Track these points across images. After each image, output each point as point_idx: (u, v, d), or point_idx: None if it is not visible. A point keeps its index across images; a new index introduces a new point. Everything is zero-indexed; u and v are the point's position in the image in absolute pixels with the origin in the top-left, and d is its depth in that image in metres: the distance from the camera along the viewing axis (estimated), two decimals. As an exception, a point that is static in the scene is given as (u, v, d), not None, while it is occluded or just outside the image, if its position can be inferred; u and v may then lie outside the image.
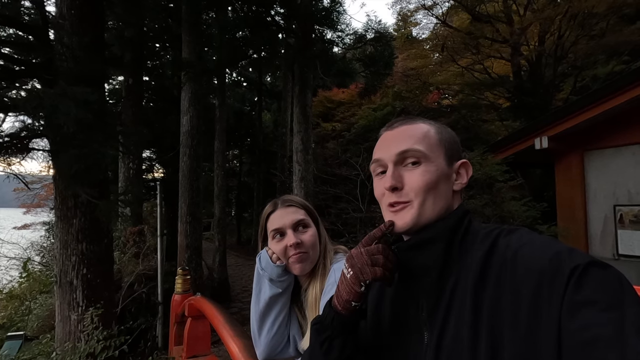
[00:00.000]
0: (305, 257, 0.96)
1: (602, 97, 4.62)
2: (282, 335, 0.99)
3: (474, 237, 0.57)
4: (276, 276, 0.96)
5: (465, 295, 0.53)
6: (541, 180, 7.38)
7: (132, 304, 4.71)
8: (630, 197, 4.68)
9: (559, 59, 8.40)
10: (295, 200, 1.04)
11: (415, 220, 0.59)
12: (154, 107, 9.14)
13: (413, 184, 0.60)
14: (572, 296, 0.42)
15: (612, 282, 0.43)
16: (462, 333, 0.51)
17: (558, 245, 0.49)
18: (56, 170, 2.86)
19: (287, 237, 0.97)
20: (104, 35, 3.64)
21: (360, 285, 0.58)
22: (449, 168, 0.62)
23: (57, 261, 3.10)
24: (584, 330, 0.40)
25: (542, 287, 0.45)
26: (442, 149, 0.63)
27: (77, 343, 2.65)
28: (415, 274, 0.60)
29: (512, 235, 0.54)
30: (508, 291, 0.48)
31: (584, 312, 0.41)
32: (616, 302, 0.41)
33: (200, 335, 1.99)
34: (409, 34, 13.88)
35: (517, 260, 0.49)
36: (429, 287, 0.58)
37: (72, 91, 2.11)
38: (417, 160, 0.60)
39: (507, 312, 0.47)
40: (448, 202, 0.61)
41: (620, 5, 7.07)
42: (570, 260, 0.45)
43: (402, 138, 0.62)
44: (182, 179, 5.45)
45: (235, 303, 6.86)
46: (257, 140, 13.75)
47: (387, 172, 0.62)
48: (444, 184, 0.61)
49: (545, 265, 0.46)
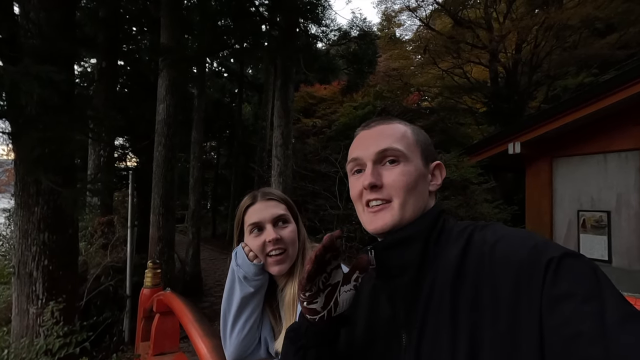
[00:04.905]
0: (284, 257, 0.92)
1: (569, 109, 4.83)
2: (253, 337, 0.95)
3: (449, 234, 0.57)
4: (252, 274, 0.92)
5: (443, 294, 0.51)
6: (513, 184, 7.67)
7: (97, 297, 4.53)
8: (593, 203, 4.93)
9: (534, 68, 8.74)
10: (276, 193, 0.99)
11: (397, 222, 0.58)
12: (129, 92, 8.75)
13: (393, 183, 0.59)
14: (550, 290, 0.42)
15: (587, 273, 0.42)
16: (441, 333, 0.50)
17: (534, 237, 0.48)
18: (17, 154, 2.67)
19: (265, 232, 0.92)
20: (75, 13, 3.44)
21: (304, 289, 0.55)
22: (425, 169, 0.62)
23: (15, 251, 2.92)
24: (565, 326, 0.40)
25: (520, 282, 0.44)
26: (419, 149, 0.62)
27: (36, 338, 2.51)
28: (392, 274, 0.58)
29: (486, 229, 0.53)
30: (486, 287, 0.47)
31: (563, 306, 0.41)
32: (594, 293, 0.40)
33: (169, 332, 1.92)
34: (393, 35, 14.01)
35: (494, 255, 0.48)
36: (406, 287, 0.56)
37: (35, 69, 1.96)
38: (396, 159, 0.60)
39: (487, 308, 0.46)
40: (425, 203, 0.61)
41: (592, 19, 7.41)
42: (546, 253, 0.44)
43: (381, 137, 0.62)
44: (156, 169, 5.26)
45: (207, 297, 6.74)
46: (236, 133, 13.51)
47: (366, 170, 0.61)
48: (422, 184, 0.61)
49: (523, 259, 0.45)
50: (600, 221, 4.81)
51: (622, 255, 4.60)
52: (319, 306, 0.56)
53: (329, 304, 0.56)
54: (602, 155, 4.87)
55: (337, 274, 0.57)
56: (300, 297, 0.56)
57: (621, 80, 4.32)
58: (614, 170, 4.76)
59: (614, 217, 4.70)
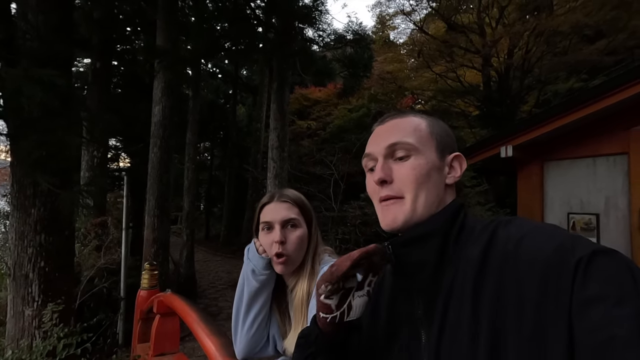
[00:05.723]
0: (285, 259, 0.95)
1: (560, 113, 4.94)
2: (261, 334, 0.98)
3: (471, 231, 0.55)
4: (260, 268, 0.95)
5: (464, 291, 0.49)
6: (505, 187, 7.78)
7: (91, 299, 4.50)
8: (583, 206, 5.04)
9: (526, 73, 8.89)
10: (291, 196, 1.01)
11: (408, 218, 0.57)
12: (123, 94, 8.71)
13: (403, 178, 0.58)
14: (581, 292, 0.39)
15: (620, 271, 0.40)
16: (463, 330, 0.48)
17: (561, 234, 0.46)
18: (14, 156, 2.67)
19: (274, 232, 0.96)
20: (72, 14, 3.43)
21: (326, 295, 0.54)
22: (440, 161, 0.60)
23: (11, 253, 2.90)
24: (598, 330, 0.37)
25: (547, 283, 0.42)
26: (434, 142, 0.61)
27: (33, 341, 2.49)
28: (410, 271, 0.56)
29: (511, 225, 0.51)
30: (511, 286, 0.45)
31: (595, 309, 0.38)
32: (628, 295, 0.38)
33: (169, 333, 1.93)
34: (387, 38, 14.14)
35: (519, 252, 0.46)
36: (425, 283, 0.55)
37: (37, 73, 1.97)
38: (407, 152, 0.59)
39: (511, 309, 0.44)
40: (440, 196, 0.59)
41: (582, 26, 7.58)
42: (575, 252, 0.42)
43: (393, 131, 0.61)
44: (152, 171, 5.25)
45: (201, 299, 6.71)
46: (231, 134, 13.48)
47: (376, 166, 0.61)
48: (436, 177, 0.59)
49: (550, 258, 0.43)
50: (589, 223, 4.92)
51: (611, 257, 4.70)
52: (334, 303, 0.55)
53: (343, 306, 0.55)
54: (592, 159, 4.98)
55: (353, 280, 0.56)
56: (321, 289, 0.54)
57: (609, 86, 4.44)
58: (602, 174, 4.88)
59: (603, 220, 4.81)
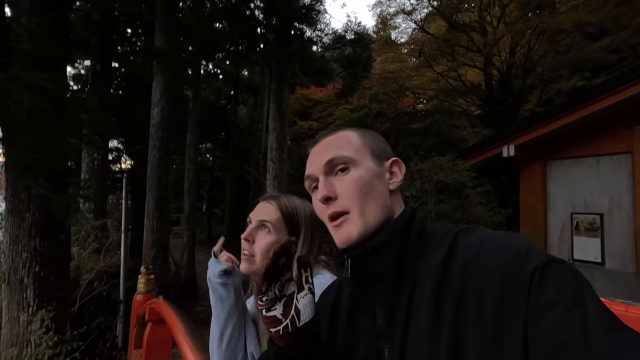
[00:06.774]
0: (247, 258, 0.91)
1: (562, 112, 4.88)
2: (233, 350, 0.91)
3: (431, 238, 0.55)
4: (213, 275, 0.88)
5: (425, 299, 0.50)
6: (507, 187, 7.70)
7: (90, 303, 4.47)
8: (586, 206, 4.97)
9: (528, 71, 8.80)
10: (282, 201, 0.95)
11: (362, 231, 0.56)
12: (123, 95, 8.71)
13: (346, 191, 0.58)
14: (536, 300, 0.42)
15: (570, 280, 0.42)
16: (425, 339, 0.48)
17: (516, 242, 0.48)
18: (7, 159, 2.64)
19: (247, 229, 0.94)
20: (69, 16, 3.41)
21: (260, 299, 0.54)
22: (379, 168, 0.61)
23: (6, 257, 2.87)
24: (549, 336, 0.39)
25: (504, 292, 0.44)
26: (368, 150, 0.61)
27: (26, 347, 2.46)
28: (371, 282, 0.57)
29: (469, 234, 0.52)
30: (471, 294, 0.46)
31: (548, 316, 0.40)
32: (576, 301, 0.40)
33: (161, 340, 1.90)
34: (388, 37, 14.08)
35: (478, 261, 0.48)
36: (385, 293, 0.55)
37: (26, 76, 1.93)
38: (345, 165, 0.59)
39: (472, 316, 0.46)
40: (387, 204, 0.59)
41: (584, 23, 7.48)
42: (530, 260, 0.44)
43: (327, 149, 0.62)
44: (151, 173, 5.23)
45: (202, 302, 6.68)
46: (232, 135, 13.46)
47: (319, 184, 0.61)
48: (379, 185, 0.59)
49: (507, 266, 0.45)
50: (593, 224, 4.85)
51: (615, 258, 4.63)
52: (278, 313, 0.54)
53: (290, 312, 0.54)
54: (595, 158, 4.91)
55: (291, 285, 0.56)
56: (258, 305, 0.54)
57: (613, 84, 4.37)
58: (606, 173, 4.81)
59: (607, 220, 4.73)
